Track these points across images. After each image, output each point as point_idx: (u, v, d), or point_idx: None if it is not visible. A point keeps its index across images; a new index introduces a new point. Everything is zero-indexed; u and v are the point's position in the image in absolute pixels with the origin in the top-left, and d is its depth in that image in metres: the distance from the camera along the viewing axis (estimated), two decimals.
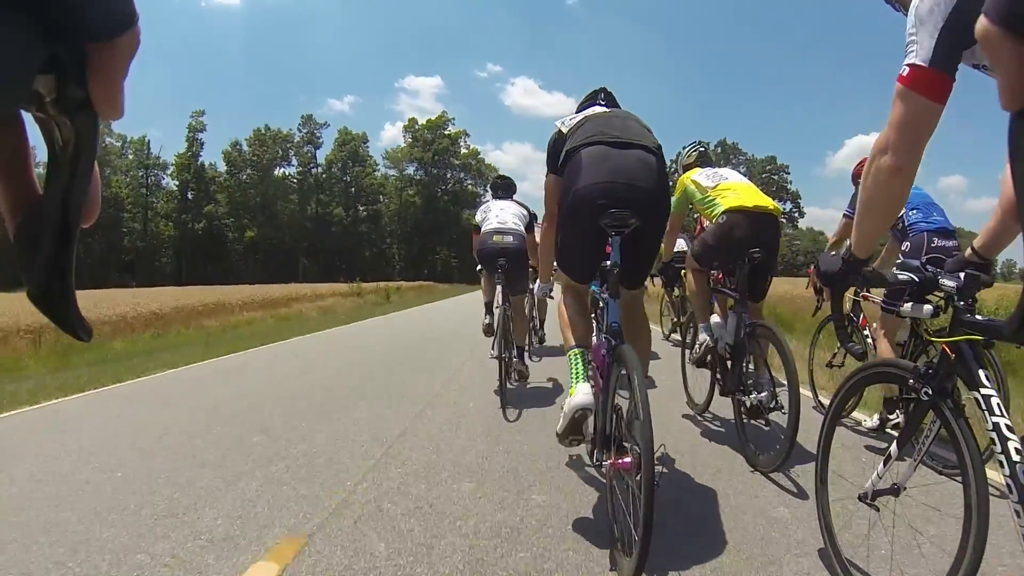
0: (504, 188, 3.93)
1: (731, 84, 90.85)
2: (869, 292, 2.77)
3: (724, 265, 2.59)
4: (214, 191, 48.65)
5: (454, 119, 57.31)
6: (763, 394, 2.21)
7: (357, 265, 48.40)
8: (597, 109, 1.97)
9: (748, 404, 2.25)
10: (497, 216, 3.58)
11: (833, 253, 1.29)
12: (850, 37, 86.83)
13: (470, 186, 57.65)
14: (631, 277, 1.83)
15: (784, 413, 2.05)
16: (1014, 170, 0.32)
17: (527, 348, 4.00)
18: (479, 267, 3.82)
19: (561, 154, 1.82)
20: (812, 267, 2.05)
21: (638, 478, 1.28)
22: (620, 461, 1.42)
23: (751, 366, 2.34)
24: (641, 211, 1.62)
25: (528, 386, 3.63)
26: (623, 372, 1.48)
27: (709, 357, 2.62)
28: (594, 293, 2.15)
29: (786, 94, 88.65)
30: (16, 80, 0.21)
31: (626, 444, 1.45)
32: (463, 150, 56.58)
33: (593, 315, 2.20)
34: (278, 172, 50.98)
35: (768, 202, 2.45)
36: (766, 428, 2.34)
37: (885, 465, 1.22)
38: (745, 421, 2.35)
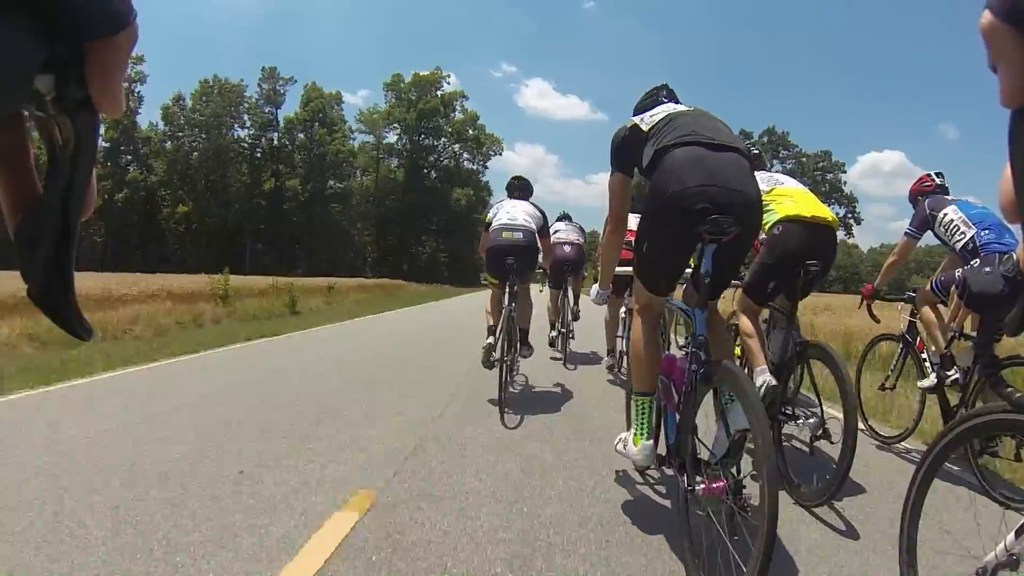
0: (521, 189, 4.14)
1: (744, 96, 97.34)
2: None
3: (783, 283, 2.49)
4: (145, 155, 42.89)
5: (449, 76, 49.73)
6: (811, 420, 2.26)
7: (322, 254, 41.24)
8: (676, 107, 1.94)
9: (798, 429, 2.38)
10: (508, 212, 3.77)
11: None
12: (859, 59, 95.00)
13: (466, 160, 49.94)
14: (716, 289, 1.86)
15: (833, 443, 2.14)
16: (1014, 169, 0.35)
17: (563, 357, 5.20)
18: (483, 274, 4.39)
19: (643, 153, 1.82)
20: (867, 285, 3.09)
21: (729, 501, 1.45)
22: (713, 486, 1.49)
23: (791, 386, 2.41)
24: (741, 218, 1.61)
25: (533, 390, 4.15)
26: (729, 395, 1.56)
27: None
28: (627, 303, 2.72)
29: (798, 110, 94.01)
30: (16, 80, 0.23)
31: (701, 460, 1.62)
32: (458, 115, 49.05)
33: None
34: (230, 136, 44.63)
35: (828, 212, 2.49)
36: (810, 455, 2.38)
37: (1019, 536, 1.06)
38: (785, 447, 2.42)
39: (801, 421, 2.27)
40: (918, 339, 3.09)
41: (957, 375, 2.74)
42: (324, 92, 47.26)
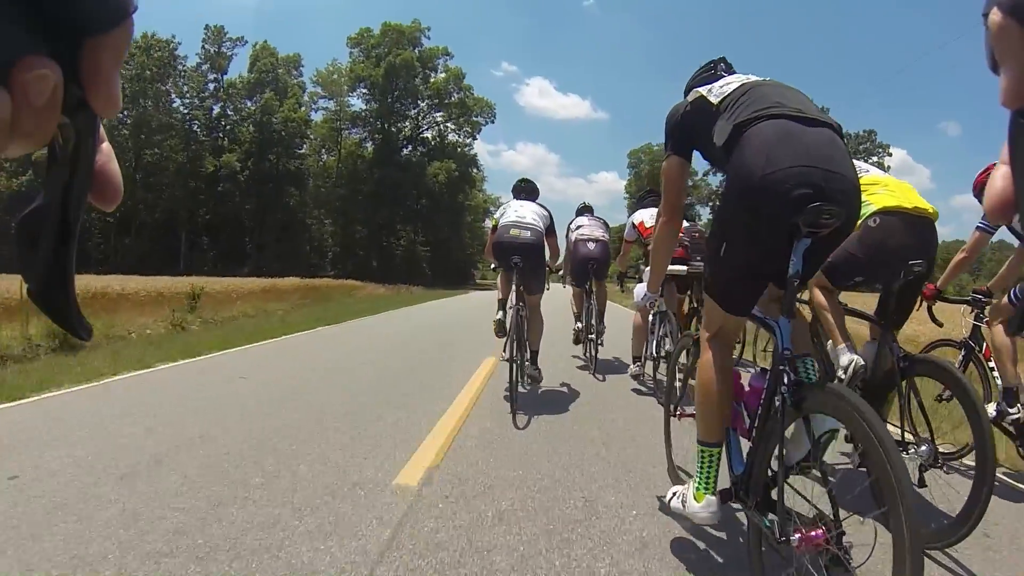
0: (527, 191, 4.39)
1: None
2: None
3: (873, 282, 2.46)
4: None
5: (429, 30, 43.15)
6: (922, 447, 2.14)
7: (273, 250, 35.33)
8: (749, 77, 1.77)
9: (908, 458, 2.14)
10: (516, 211, 3.99)
11: None
12: (859, 56, 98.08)
13: (451, 132, 43.55)
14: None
15: (946, 471, 2.13)
16: (1014, 170, 0.36)
17: (591, 367, 5.20)
18: (493, 266, 4.32)
19: (713, 131, 1.65)
20: (929, 284, 2.72)
21: (833, 548, 1.31)
22: (812, 534, 1.35)
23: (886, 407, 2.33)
24: (844, 206, 1.46)
25: (540, 390, 4.28)
26: (830, 430, 1.49)
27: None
28: (659, 304, 2.71)
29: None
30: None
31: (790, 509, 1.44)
32: (440, 74, 42.60)
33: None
34: (166, 106, 38.21)
35: (927, 204, 2.35)
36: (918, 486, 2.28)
37: None
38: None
39: (912, 451, 2.11)
40: (984, 345, 3.01)
41: (1021, 415, 2.67)
42: (278, 53, 41.35)
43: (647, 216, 4.54)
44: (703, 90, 1.75)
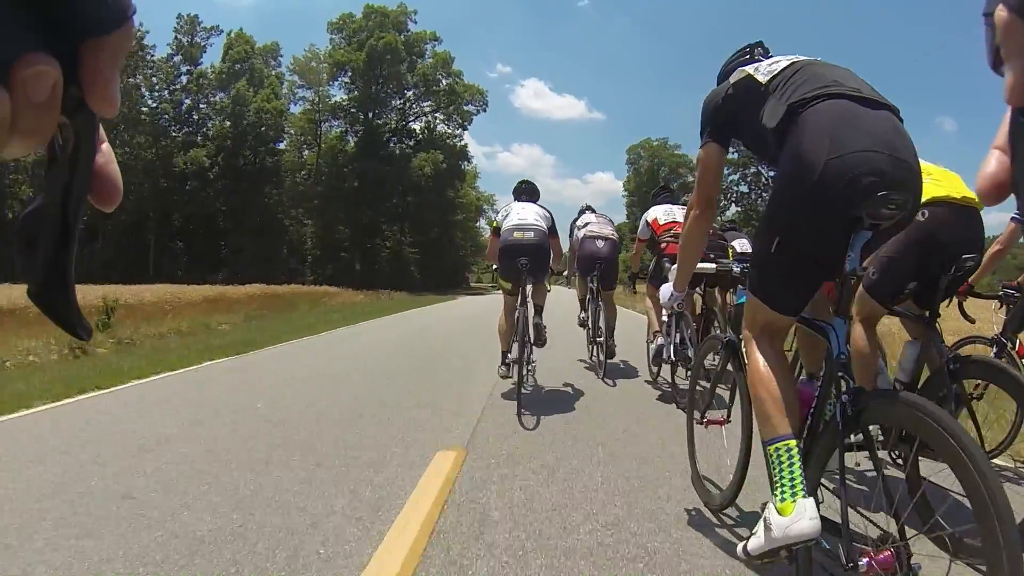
0: (528, 192, 4.43)
1: None
2: None
3: (923, 282, 2.27)
4: None
5: (416, 13, 40.43)
6: None
7: (249, 253, 33.09)
8: (792, 56, 1.69)
9: None
10: (519, 214, 4.08)
11: None
12: (856, 53, 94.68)
13: (440, 120, 40.59)
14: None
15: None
16: (1014, 163, 0.38)
17: (600, 373, 5.01)
18: (495, 266, 4.35)
19: (762, 113, 1.55)
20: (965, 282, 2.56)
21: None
22: (880, 558, 1.26)
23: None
24: (910, 197, 1.40)
25: (544, 390, 4.37)
26: (903, 446, 1.59)
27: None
28: (675, 305, 2.29)
29: None
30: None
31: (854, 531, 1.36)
32: (428, 59, 39.74)
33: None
34: (131, 100, 35.24)
35: (972, 193, 2.24)
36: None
37: None
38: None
39: None
40: (1018, 342, 2.93)
41: None
42: (254, 42, 38.94)
43: (661, 213, 4.51)
44: (749, 68, 1.67)
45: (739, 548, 1.53)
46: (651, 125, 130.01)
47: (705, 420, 2.23)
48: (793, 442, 1.43)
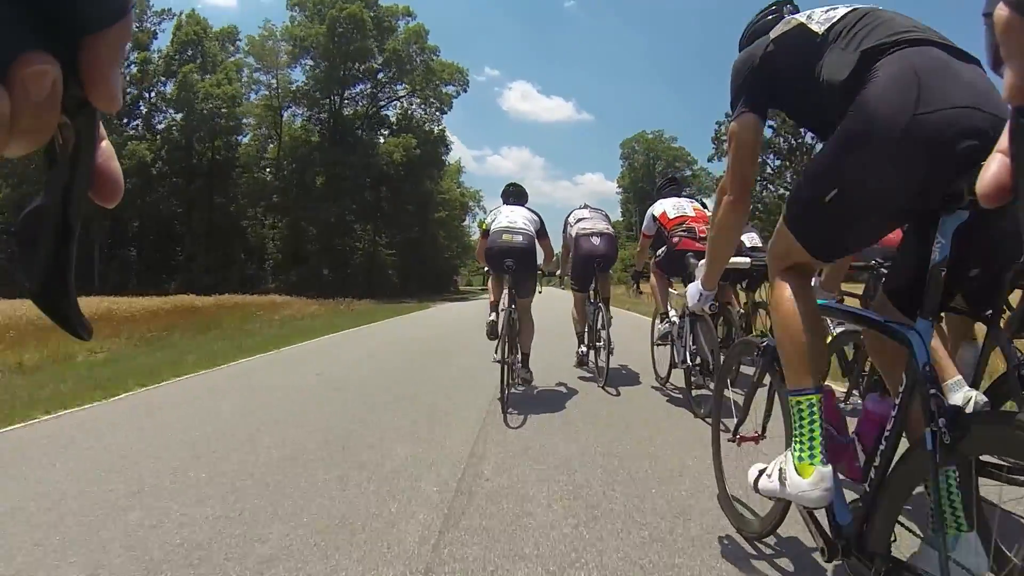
0: (516, 195, 4.67)
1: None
2: None
3: (988, 272, 2.02)
4: None
5: None
6: None
7: (204, 260, 29.78)
8: (851, 5, 1.47)
9: None
10: (507, 216, 4.30)
11: None
12: None
13: (416, 104, 36.60)
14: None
15: None
16: (1015, 166, 0.37)
17: (601, 380, 4.77)
18: (485, 268, 4.51)
19: (821, 64, 1.38)
20: None
21: None
22: None
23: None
24: None
25: (535, 391, 4.43)
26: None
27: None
28: (693, 305, 2.07)
29: None
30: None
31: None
32: (400, 36, 35.70)
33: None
34: None
35: None
36: None
37: None
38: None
39: None
40: None
41: None
42: (207, 23, 35.38)
43: (669, 207, 4.40)
44: (801, 16, 1.50)
45: (750, 474, 1.56)
46: (640, 124, 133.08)
47: (738, 437, 1.97)
48: (816, 396, 1.40)
